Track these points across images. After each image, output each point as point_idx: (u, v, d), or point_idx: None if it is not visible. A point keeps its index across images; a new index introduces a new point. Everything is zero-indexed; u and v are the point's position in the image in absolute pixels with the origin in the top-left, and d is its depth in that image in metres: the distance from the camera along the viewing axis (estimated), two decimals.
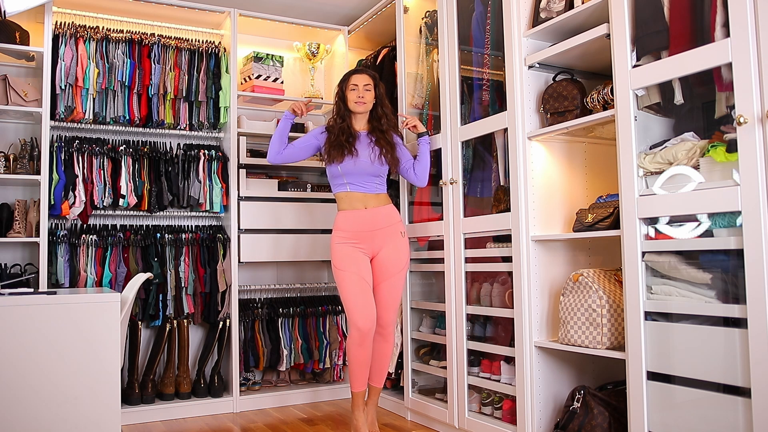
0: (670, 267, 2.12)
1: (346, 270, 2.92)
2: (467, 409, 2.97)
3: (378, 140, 3.03)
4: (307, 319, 4.01)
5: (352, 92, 3.05)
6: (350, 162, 2.98)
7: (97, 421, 2.37)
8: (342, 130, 3.04)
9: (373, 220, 2.99)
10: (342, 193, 3.05)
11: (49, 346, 2.32)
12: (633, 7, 2.23)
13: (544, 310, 2.67)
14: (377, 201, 3.03)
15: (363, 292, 2.90)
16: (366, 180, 3.02)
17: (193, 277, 3.69)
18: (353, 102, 3.04)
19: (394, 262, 2.99)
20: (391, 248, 3.00)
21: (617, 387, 2.50)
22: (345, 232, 2.99)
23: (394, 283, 3.00)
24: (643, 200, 2.17)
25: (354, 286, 2.90)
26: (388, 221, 3.01)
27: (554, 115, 2.63)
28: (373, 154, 3.01)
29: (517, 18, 2.70)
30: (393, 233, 3.01)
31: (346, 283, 2.92)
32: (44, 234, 3.30)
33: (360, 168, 3.00)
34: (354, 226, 2.98)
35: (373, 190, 3.03)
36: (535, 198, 2.68)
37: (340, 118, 3.08)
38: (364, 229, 2.98)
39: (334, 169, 3.02)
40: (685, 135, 2.18)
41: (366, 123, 3.12)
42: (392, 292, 3.00)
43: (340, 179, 3.03)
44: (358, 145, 3.02)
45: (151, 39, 3.70)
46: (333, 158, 2.99)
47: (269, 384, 4.02)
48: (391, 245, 3.00)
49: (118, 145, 3.62)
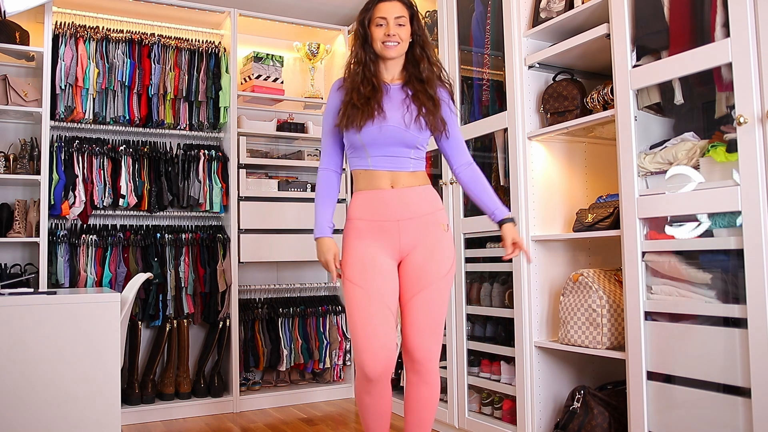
0: (670, 267, 2.12)
1: (359, 285, 2.02)
2: (467, 409, 2.97)
3: (416, 95, 2.11)
4: (307, 319, 4.01)
5: (379, 29, 2.09)
6: (374, 127, 2.06)
7: (97, 421, 2.36)
8: (364, 79, 2.11)
9: (403, 203, 2.08)
10: (360, 171, 2.13)
11: (49, 346, 2.32)
12: (633, 7, 2.23)
13: (544, 310, 2.67)
14: (411, 179, 2.11)
15: (380, 322, 2.00)
16: (396, 152, 2.09)
17: (193, 277, 3.69)
18: (381, 43, 2.09)
19: (433, 267, 2.07)
20: (429, 246, 2.08)
21: (617, 387, 2.50)
22: (363, 221, 2.08)
23: (432, 296, 2.06)
24: (643, 200, 2.17)
25: (367, 310, 2.00)
26: (424, 207, 2.10)
27: (554, 115, 2.63)
28: (408, 115, 2.08)
29: (517, 18, 2.70)
30: (431, 225, 2.09)
31: (357, 304, 2.02)
32: (44, 234, 3.30)
33: (388, 135, 2.07)
34: (376, 212, 2.08)
35: (406, 166, 2.10)
36: (535, 198, 2.68)
37: (359, 64, 2.14)
38: (389, 217, 2.07)
39: (352, 137, 2.09)
40: (685, 135, 2.18)
41: (400, 72, 2.17)
42: (430, 308, 2.06)
43: (361, 152, 2.11)
44: (386, 103, 2.09)
45: (151, 39, 3.70)
46: (351, 122, 2.07)
47: (269, 384, 4.01)
48: (428, 242, 2.08)
49: (118, 145, 3.62)
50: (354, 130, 2.06)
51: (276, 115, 4.20)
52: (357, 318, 2.02)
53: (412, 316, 2.06)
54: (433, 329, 2.06)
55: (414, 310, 2.05)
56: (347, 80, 2.15)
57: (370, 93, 2.08)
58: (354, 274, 2.04)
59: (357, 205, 2.12)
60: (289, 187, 4.00)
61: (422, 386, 2.08)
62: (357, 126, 2.05)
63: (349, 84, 2.13)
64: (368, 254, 2.05)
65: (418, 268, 2.07)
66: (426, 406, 2.09)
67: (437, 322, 2.07)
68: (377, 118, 2.06)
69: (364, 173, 2.12)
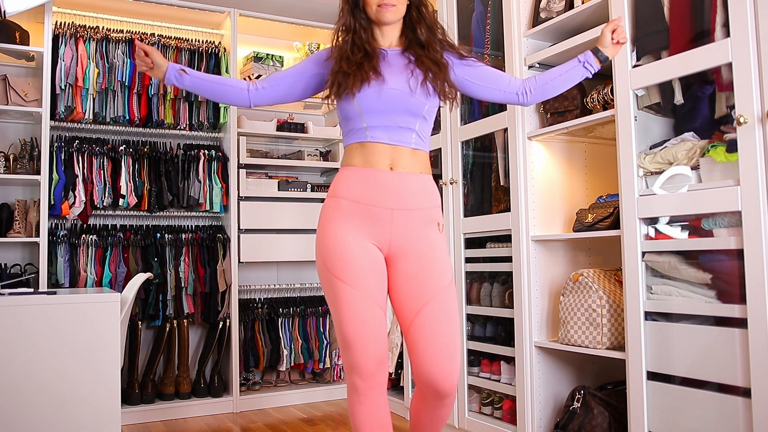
0: (670, 267, 2.12)
1: (346, 282, 1.71)
2: (467, 409, 2.96)
3: (419, 59, 1.83)
4: (307, 319, 4.02)
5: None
6: (371, 91, 1.77)
7: (97, 421, 2.37)
8: (354, 46, 1.82)
9: (401, 190, 1.77)
10: (355, 146, 1.81)
11: (49, 346, 2.32)
12: (633, 7, 2.23)
13: (544, 310, 2.67)
14: (413, 162, 1.80)
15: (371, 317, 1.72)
16: (399, 121, 1.79)
17: (193, 277, 3.69)
18: (376, 6, 1.80)
19: (434, 277, 1.76)
20: (424, 252, 1.77)
21: (617, 387, 2.50)
22: (349, 202, 1.76)
23: (438, 310, 1.73)
24: (643, 200, 2.17)
25: (358, 312, 1.71)
26: (423, 200, 1.80)
27: (554, 115, 2.63)
28: (413, 80, 1.80)
29: (517, 18, 2.70)
30: (427, 222, 1.80)
31: (346, 304, 1.71)
32: (44, 234, 3.30)
33: (388, 100, 1.78)
34: (368, 194, 1.76)
35: (408, 141, 1.80)
36: (535, 198, 2.68)
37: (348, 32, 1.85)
38: (383, 203, 1.75)
39: (347, 106, 1.79)
40: (685, 135, 2.18)
41: (399, 38, 1.89)
42: (440, 324, 1.73)
43: (357, 122, 1.80)
44: (384, 68, 1.81)
45: (151, 39, 3.70)
46: (345, 87, 1.77)
47: (269, 384, 4.02)
48: (423, 246, 1.77)
49: (118, 145, 3.62)
50: (348, 96, 1.77)
51: (276, 115, 4.20)
52: (349, 317, 1.71)
53: (422, 339, 1.71)
54: (449, 348, 1.72)
55: (421, 333, 1.72)
56: (335, 50, 1.85)
57: (362, 59, 1.79)
58: (339, 269, 1.72)
59: (344, 182, 1.78)
60: (289, 187, 4.00)
61: (442, 409, 1.78)
62: (350, 91, 1.76)
63: (336, 53, 1.84)
64: (353, 244, 1.73)
65: (415, 281, 1.75)
66: (441, 423, 1.83)
67: (452, 336, 1.73)
68: (374, 81, 1.77)
69: (360, 147, 1.79)
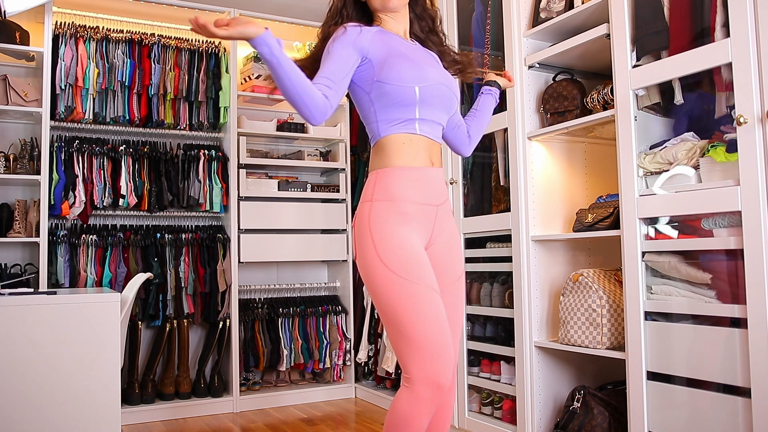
0: (670, 267, 2.12)
1: (413, 281, 1.56)
2: (467, 409, 2.97)
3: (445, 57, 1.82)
4: (307, 319, 4.02)
5: None
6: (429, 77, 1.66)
7: (97, 421, 2.36)
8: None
9: (440, 186, 1.72)
10: (402, 137, 1.66)
11: (49, 346, 2.32)
12: (633, 7, 2.23)
13: (544, 310, 2.67)
14: (439, 157, 1.75)
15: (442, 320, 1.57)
16: (440, 117, 1.72)
17: (193, 277, 3.69)
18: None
19: (454, 262, 1.74)
20: (448, 238, 1.73)
21: (617, 387, 2.50)
22: (411, 205, 1.64)
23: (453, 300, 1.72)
24: (643, 200, 2.17)
25: (430, 309, 1.56)
26: (446, 192, 1.76)
27: (554, 115, 2.63)
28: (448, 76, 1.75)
29: (517, 18, 2.70)
30: (449, 213, 1.76)
31: (418, 302, 1.55)
32: (44, 234, 3.30)
33: (440, 94, 1.68)
34: (423, 193, 1.67)
35: (439, 138, 1.75)
36: (535, 198, 2.68)
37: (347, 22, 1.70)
38: (433, 201, 1.69)
39: (403, 92, 1.63)
40: (685, 135, 2.18)
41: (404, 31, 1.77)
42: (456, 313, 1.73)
43: (410, 111, 1.65)
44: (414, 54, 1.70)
45: (151, 39, 3.70)
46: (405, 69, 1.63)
47: (269, 384, 4.02)
48: (447, 233, 1.73)
49: (118, 145, 3.62)
50: (409, 79, 1.61)
51: (276, 115, 4.20)
52: (421, 317, 1.54)
53: None
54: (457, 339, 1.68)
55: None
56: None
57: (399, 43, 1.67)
58: (408, 268, 1.57)
59: (402, 184, 1.64)
60: (289, 187, 4.00)
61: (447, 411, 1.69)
62: (412, 73, 1.62)
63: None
64: (415, 246, 1.62)
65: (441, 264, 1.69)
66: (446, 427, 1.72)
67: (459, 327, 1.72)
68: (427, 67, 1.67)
69: (408, 140, 1.66)
